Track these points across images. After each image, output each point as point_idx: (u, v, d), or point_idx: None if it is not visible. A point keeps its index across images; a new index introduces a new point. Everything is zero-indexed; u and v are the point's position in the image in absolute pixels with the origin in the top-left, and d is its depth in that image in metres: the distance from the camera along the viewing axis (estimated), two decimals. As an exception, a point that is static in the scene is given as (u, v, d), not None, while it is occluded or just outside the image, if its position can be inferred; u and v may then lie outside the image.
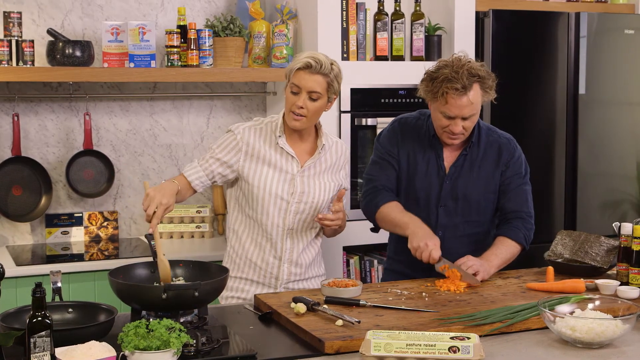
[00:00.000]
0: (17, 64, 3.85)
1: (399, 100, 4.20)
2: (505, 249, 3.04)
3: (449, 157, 3.10)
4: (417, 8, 4.32)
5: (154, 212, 2.71)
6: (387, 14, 4.27)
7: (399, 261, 3.20)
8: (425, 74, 3.00)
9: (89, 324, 2.29)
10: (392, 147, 3.14)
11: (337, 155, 3.15)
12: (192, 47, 4.09)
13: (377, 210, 3.09)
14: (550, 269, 2.99)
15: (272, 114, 3.23)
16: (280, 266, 3.07)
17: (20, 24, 3.91)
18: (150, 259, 2.68)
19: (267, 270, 3.08)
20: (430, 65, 3.07)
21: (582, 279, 2.90)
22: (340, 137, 4.08)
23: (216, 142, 3.09)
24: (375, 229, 3.26)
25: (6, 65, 3.80)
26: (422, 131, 3.12)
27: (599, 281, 2.86)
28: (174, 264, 2.67)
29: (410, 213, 3.04)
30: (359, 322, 2.38)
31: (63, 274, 2.71)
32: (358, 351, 2.15)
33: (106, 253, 3.97)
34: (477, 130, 3.09)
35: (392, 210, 3.06)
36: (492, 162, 3.10)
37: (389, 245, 3.30)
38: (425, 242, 2.88)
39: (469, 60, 2.96)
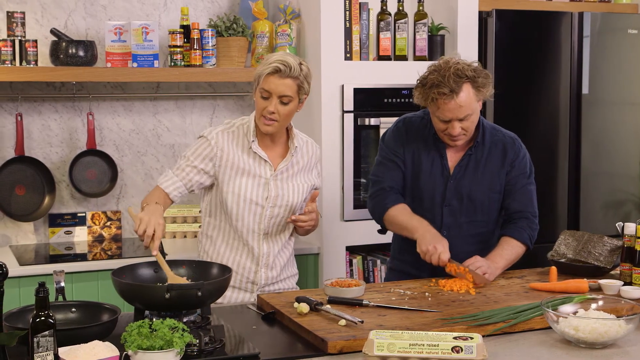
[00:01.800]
0: (21, 63, 3.85)
1: (402, 100, 4.20)
2: (510, 249, 3.05)
3: (453, 157, 3.10)
4: (420, 8, 4.32)
5: (154, 233, 2.63)
6: (390, 14, 4.27)
7: (403, 261, 3.19)
8: (417, 80, 3.00)
9: (92, 323, 2.29)
10: (398, 147, 3.13)
11: (308, 156, 3.12)
12: (195, 47, 4.09)
13: (385, 212, 3.09)
14: (554, 269, 2.99)
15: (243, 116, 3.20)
16: (258, 271, 3.05)
17: (23, 24, 3.91)
18: (153, 258, 2.68)
19: (243, 275, 3.05)
20: (423, 69, 3.06)
21: (585, 279, 2.90)
22: (343, 137, 4.08)
23: (189, 149, 3.03)
24: (382, 231, 3.25)
25: (9, 65, 3.80)
26: (426, 130, 3.12)
27: (602, 281, 2.86)
28: (177, 264, 2.67)
29: (418, 216, 3.03)
30: (362, 322, 2.38)
31: (66, 273, 2.72)
32: (361, 351, 2.15)
33: (109, 253, 3.97)
34: (481, 130, 3.08)
35: (400, 213, 3.06)
36: (496, 161, 3.10)
37: (393, 245, 3.30)
38: (434, 246, 2.88)
39: (458, 61, 2.93)
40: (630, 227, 2.91)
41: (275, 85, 2.90)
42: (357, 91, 4.10)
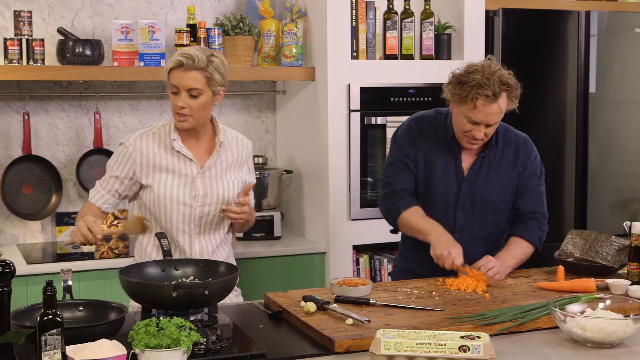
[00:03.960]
0: (28, 62, 3.86)
1: (409, 99, 4.20)
2: (520, 250, 3.05)
3: (466, 159, 3.09)
4: (427, 7, 4.31)
5: (90, 231, 2.69)
6: (396, 13, 4.27)
7: (412, 260, 3.19)
8: (452, 76, 2.96)
9: (100, 322, 2.30)
10: (409, 148, 3.12)
11: (238, 152, 3.04)
12: (201, 46, 4.09)
13: (399, 215, 3.08)
14: (561, 268, 2.99)
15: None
16: None
17: (30, 23, 3.92)
18: (161, 257, 2.68)
19: None
20: (455, 65, 3.04)
21: (592, 279, 2.89)
22: (349, 136, 4.07)
23: (111, 159, 2.98)
24: (394, 231, 3.25)
25: (17, 64, 3.81)
26: (439, 130, 3.11)
27: (610, 280, 2.86)
28: (184, 263, 2.67)
29: (432, 219, 3.03)
30: (368, 321, 2.38)
31: (73, 272, 2.72)
32: (368, 350, 2.15)
33: (116, 251, 3.98)
34: (495, 132, 3.07)
35: (413, 216, 3.05)
36: (509, 162, 3.09)
37: (402, 243, 3.28)
38: (449, 251, 2.88)
39: (499, 67, 2.93)
40: (637, 226, 2.90)
41: (181, 79, 2.84)
42: (363, 90, 4.10)
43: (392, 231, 3.27)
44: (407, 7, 4.29)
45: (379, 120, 4.12)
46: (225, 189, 2.97)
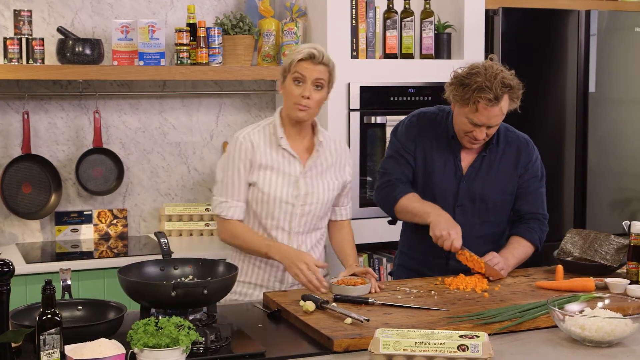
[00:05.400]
0: (27, 62, 3.86)
1: (409, 98, 4.20)
2: (521, 249, 3.05)
3: (466, 158, 3.09)
4: (427, 6, 4.31)
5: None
6: (396, 12, 4.27)
7: (413, 258, 3.19)
8: (454, 78, 2.95)
9: (99, 321, 2.30)
10: (409, 142, 3.12)
11: (337, 153, 3.10)
12: (201, 45, 4.09)
13: (396, 203, 3.07)
14: (560, 267, 2.99)
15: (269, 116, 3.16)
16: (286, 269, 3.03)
17: (30, 22, 3.92)
18: (160, 256, 2.68)
19: (271, 274, 3.04)
20: (455, 65, 3.03)
21: (591, 278, 2.89)
22: (349, 136, 4.08)
23: (227, 159, 3.00)
24: (393, 222, 3.24)
25: (16, 64, 3.81)
26: (440, 127, 3.10)
27: (609, 280, 2.86)
28: (183, 262, 2.67)
29: (429, 202, 3.03)
30: (367, 320, 2.38)
31: (73, 271, 2.72)
32: (367, 349, 2.15)
33: (115, 251, 3.98)
34: (496, 132, 3.06)
35: (411, 201, 3.05)
36: (510, 163, 3.09)
37: (402, 241, 3.28)
38: (448, 232, 2.88)
39: (502, 69, 2.92)
40: (636, 226, 2.90)
41: (309, 70, 2.91)
42: (363, 89, 4.10)
43: (390, 222, 3.26)
44: (407, 6, 4.29)
45: (379, 119, 4.12)
46: (326, 189, 3.03)
